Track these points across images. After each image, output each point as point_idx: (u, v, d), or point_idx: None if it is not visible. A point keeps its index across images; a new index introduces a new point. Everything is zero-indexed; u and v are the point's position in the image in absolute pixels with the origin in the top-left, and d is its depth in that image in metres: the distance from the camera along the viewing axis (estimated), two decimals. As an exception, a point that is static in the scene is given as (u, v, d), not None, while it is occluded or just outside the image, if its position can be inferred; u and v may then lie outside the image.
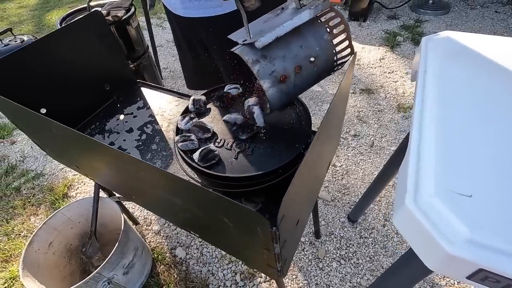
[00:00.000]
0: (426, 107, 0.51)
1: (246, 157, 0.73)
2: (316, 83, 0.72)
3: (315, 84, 0.72)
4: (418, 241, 0.40)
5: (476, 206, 0.37)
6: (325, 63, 0.68)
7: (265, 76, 0.62)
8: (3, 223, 1.67)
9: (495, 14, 2.87)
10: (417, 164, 0.43)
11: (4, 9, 4.52)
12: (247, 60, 0.61)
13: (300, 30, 0.65)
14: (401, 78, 2.31)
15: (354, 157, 1.81)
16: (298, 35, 0.65)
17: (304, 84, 0.69)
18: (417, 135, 0.47)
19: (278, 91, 0.65)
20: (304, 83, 0.68)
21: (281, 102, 0.68)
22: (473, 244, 0.34)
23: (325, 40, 0.66)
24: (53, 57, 0.99)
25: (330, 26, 0.66)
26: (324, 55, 0.67)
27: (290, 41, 0.64)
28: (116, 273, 1.15)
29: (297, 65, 0.64)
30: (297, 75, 0.65)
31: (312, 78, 0.69)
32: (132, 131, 1.09)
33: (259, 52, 0.62)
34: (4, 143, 2.22)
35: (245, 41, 0.62)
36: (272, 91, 0.63)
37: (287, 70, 0.64)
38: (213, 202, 0.48)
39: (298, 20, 0.61)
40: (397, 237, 1.44)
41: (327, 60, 0.68)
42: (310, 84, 0.70)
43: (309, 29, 0.66)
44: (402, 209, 0.41)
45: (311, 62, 0.66)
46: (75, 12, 1.81)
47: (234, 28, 0.71)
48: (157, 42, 3.06)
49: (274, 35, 0.60)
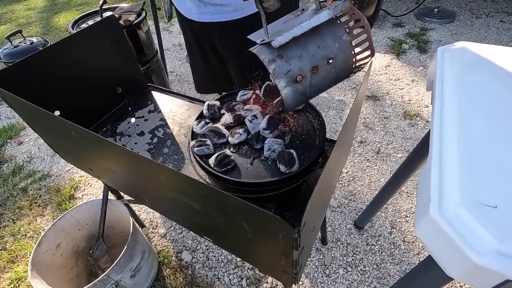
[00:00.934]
0: (446, 116, 0.52)
1: (261, 163, 0.73)
2: (334, 84, 0.71)
3: (333, 86, 0.71)
4: (442, 250, 0.40)
5: (502, 217, 0.38)
6: (344, 64, 0.67)
7: (280, 75, 0.61)
8: (10, 224, 1.68)
9: (500, 23, 2.88)
10: (439, 173, 0.44)
11: (13, 11, 4.58)
12: (263, 59, 0.61)
13: (319, 31, 0.64)
14: (407, 86, 2.32)
15: (360, 163, 1.81)
16: (316, 35, 0.64)
17: (320, 85, 0.68)
18: (438, 144, 0.47)
19: (294, 91, 0.64)
20: (321, 84, 0.67)
21: (296, 102, 0.67)
22: (500, 255, 0.35)
23: (344, 41, 0.65)
24: (68, 61, 1.00)
25: (349, 27, 0.65)
26: (342, 56, 0.66)
27: (307, 41, 0.63)
28: (123, 276, 1.15)
29: (313, 65, 0.63)
30: (314, 76, 0.65)
31: (329, 79, 0.68)
32: (144, 134, 1.10)
33: (275, 52, 0.62)
34: (11, 143, 2.23)
35: (263, 41, 0.63)
36: (287, 90, 0.63)
37: (303, 70, 0.63)
38: (234, 207, 0.49)
39: (316, 20, 0.60)
40: (404, 245, 1.43)
41: (345, 61, 0.66)
42: (327, 85, 0.69)
43: (327, 30, 0.65)
44: (426, 218, 0.41)
45: (329, 63, 0.65)
46: (86, 16, 1.83)
47: (248, 33, 0.71)
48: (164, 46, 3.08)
49: (291, 35, 0.60)
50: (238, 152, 0.76)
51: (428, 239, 0.42)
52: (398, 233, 1.48)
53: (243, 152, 0.76)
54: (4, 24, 4.18)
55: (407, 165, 1.03)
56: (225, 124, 0.82)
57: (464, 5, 3.27)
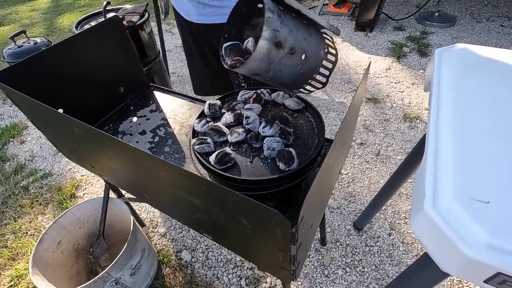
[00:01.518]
0: (442, 115, 0.53)
1: (261, 161, 0.74)
2: (287, 82, 0.75)
3: (285, 83, 0.75)
4: (435, 245, 0.41)
5: (494, 212, 0.39)
6: (308, 71, 0.73)
7: (270, 27, 0.62)
8: (11, 222, 1.69)
9: (501, 28, 2.90)
10: (434, 170, 0.45)
11: (17, 12, 4.62)
12: (266, 4, 0.62)
13: (311, 29, 0.71)
14: (407, 89, 2.33)
15: (360, 165, 1.82)
16: (308, 30, 0.70)
17: (283, 70, 0.70)
18: (433, 142, 0.49)
19: (268, 50, 0.64)
20: (285, 69, 0.70)
21: (258, 66, 0.67)
22: (492, 248, 0.35)
23: (320, 54, 0.73)
24: (72, 60, 1.02)
25: (328, 50, 0.74)
26: (312, 63, 0.72)
27: (300, 27, 0.68)
28: (123, 273, 1.16)
29: (293, 47, 0.67)
30: (287, 56, 0.68)
31: (292, 72, 0.72)
32: (145, 133, 1.11)
33: (278, 10, 0.64)
34: (14, 142, 2.25)
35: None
36: (264, 44, 0.62)
37: (286, 42, 0.65)
38: (235, 203, 0.50)
39: (316, 17, 0.66)
40: (403, 246, 1.44)
41: (310, 70, 0.73)
42: (286, 75, 0.72)
43: (316, 35, 0.72)
44: (421, 214, 0.42)
45: (302, 58, 0.70)
46: (90, 17, 1.85)
47: None
48: (167, 47, 3.11)
49: (298, 6, 0.64)
50: (238, 150, 0.77)
51: (423, 234, 0.43)
52: (397, 235, 1.48)
53: (243, 150, 0.77)
54: (8, 24, 4.22)
55: (405, 167, 1.03)
56: (226, 123, 0.83)
57: (464, 9, 3.29)
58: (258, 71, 0.69)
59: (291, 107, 0.86)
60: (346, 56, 2.78)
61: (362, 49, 2.86)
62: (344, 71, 2.61)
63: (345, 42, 2.99)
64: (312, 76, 0.75)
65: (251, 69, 0.68)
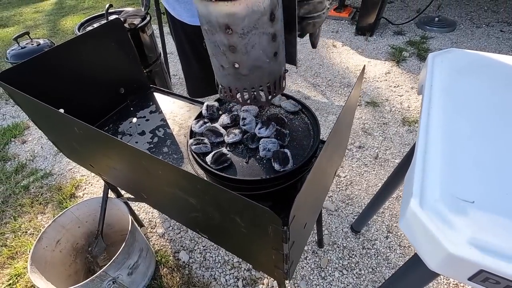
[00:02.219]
0: (432, 118, 0.54)
1: (257, 161, 0.76)
2: (244, 65, 0.63)
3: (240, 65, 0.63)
4: (422, 244, 0.42)
5: (478, 211, 0.40)
6: (266, 74, 0.67)
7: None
8: (11, 221, 1.70)
9: (501, 33, 2.92)
10: (422, 170, 0.46)
11: (21, 14, 4.68)
12: None
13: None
14: (406, 93, 2.35)
15: (358, 168, 1.83)
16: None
17: (253, 50, 0.61)
18: (423, 144, 0.50)
19: (264, 9, 0.57)
20: (254, 50, 0.61)
21: (247, 15, 0.56)
22: (474, 246, 0.37)
23: (281, 70, 0.72)
24: (74, 61, 1.04)
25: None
26: (275, 68, 0.68)
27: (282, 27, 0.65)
28: (121, 273, 1.17)
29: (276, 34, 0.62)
30: (268, 36, 0.61)
31: (258, 58, 0.63)
32: (144, 134, 1.12)
33: None
34: (15, 142, 2.27)
35: None
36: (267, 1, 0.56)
37: (276, 22, 0.61)
38: (229, 201, 0.51)
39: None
40: (400, 249, 1.44)
41: (269, 74, 0.68)
42: (250, 57, 0.62)
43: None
44: (408, 213, 0.43)
45: (273, 54, 0.65)
46: (92, 19, 1.88)
47: None
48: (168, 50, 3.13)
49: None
50: (234, 151, 0.79)
51: (410, 232, 0.44)
52: (394, 238, 1.49)
53: (239, 151, 0.79)
54: (12, 26, 4.27)
55: (401, 169, 1.05)
56: (223, 124, 0.84)
57: (464, 14, 3.31)
58: (241, 23, 0.56)
59: (287, 109, 0.88)
60: (346, 60, 2.80)
61: (362, 53, 2.88)
62: (344, 75, 2.62)
63: (345, 46, 3.01)
64: (263, 82, 0.67)
65: (237, 14, 0.55)
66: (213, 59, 0.67)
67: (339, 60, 2.82)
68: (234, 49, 0.60)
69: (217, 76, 0.71)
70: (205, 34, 0.62)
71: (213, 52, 0.64)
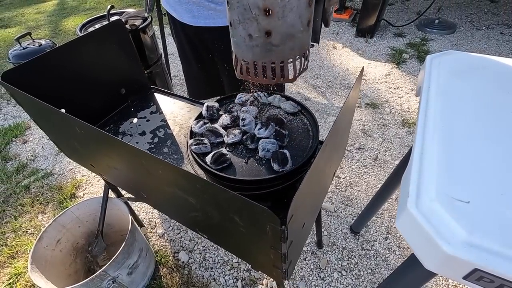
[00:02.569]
0: (429, 119, 0.55)
1: (256, 162, 0.76)
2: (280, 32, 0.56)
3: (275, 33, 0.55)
4: (418, 243, 0.43)
5: (473, 211, 0.40)
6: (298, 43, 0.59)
7: None
8: (11, 220, 1.71)
9: (501, 35, 2.92)
10: (419, 171, 0.47)
11: (23, 14, 4.70)
12: None
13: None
14: (406, 94, 2.35)
15: (358, 169, 1.83)
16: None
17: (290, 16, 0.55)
18: (419, 145, 0.50)
19: None
20: (290, 16, 0.55)
21: None
22: (469, 245, 0.37)
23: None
24: (75, 62, 1.05)
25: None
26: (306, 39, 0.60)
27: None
28: (121, 272, 1.17)
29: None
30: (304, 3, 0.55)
31: (294, 24, 0.56)
32: (145, 134, 1.13)
33: None
34: (16, 142, 2.28)
35: None
36: None
37: None
38: (228, 200, 0.52)
39: None
40: (399, 250, 1.45)
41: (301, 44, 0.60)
42: (286, 24, 0.55)
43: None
44: (405, 213, 0.44)
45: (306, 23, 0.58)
46: (94, 20, 1.89)
47: None
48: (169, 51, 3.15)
49: None
50: (234, 151, 0.79)
51: (407, 232, 0.45)
52: (393, 239, 1.49)
53: (239, 151, 0.79)
54: (14, 26, 4.29)
55: (400, 170, 1.05)
56: (223, 125, 0.85)
57: (465, 16, 3.32)
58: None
59: (287, 110, 0.88)
60: (346, 62, 2.81)
61: (363, 55, 2.88)
62: (344, 76, 2.63)
63: (345, 47, 3.02)
64: (293, 55, 0.60)
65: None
66: (239, 28, 0.57)
67: (339, 62, 2.83)
68: (269, 13, 0.52)
69: (240, 50, 0.61)
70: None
71: (240, 19, 0.55)
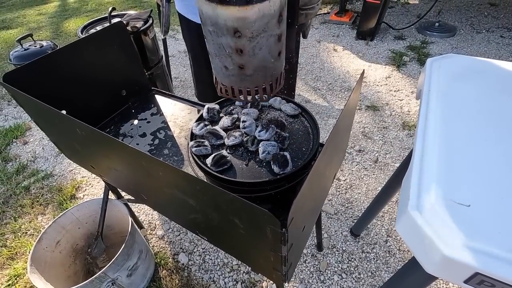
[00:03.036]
0: (430, 122, 0.55)
1: (256, 164, 0.76)
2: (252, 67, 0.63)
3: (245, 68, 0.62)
4: (419, 246, 0.43)
5: (474, 215, 0.40)
6: (269, 72, 0.66)
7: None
8: (11, 221, 1.71)
9: (501, 39, 2.93)
10: (419, 174, 0.47)
11: (24, 16, 4.71)
12: None
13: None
14: (406, 97, 2.36)
15: (358, 172, 1.83)
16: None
17: (260, 52, 0.61)
18: (420, 148, 0.50)
19: (274, 12, 0.57)
20: (262, 52, 0.61)
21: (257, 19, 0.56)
22: (470, 249, 0.37)
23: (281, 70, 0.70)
24: (76, 63, 1.05)
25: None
26: (277, 67, 0.67)
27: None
28: (120, 274, 1.17)
29: (282, 34, 0.62)
30: (274, 38, 0.61)
31: (264, 59, 0.63)
32: (145, 135, 1.13)
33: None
34: (17, 143, 2.28)
35: None
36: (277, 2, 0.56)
37: (282, 23, 0.61)
38: (228, 202, 0.52)
39: None
40: (400, 253, 1.44)
41: (272, 72, 0.67)
42: (258, 58, 0.61)
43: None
44: (405, 216, 0.44)
45: (278, 54, 0.65)
46: (95, 22, 1.90)
47: None
48: (170, 53, 3.16)
49: None
50: (234, 153, 0.79)
51: (407, 235, 0.45)
52: (393, 242, 1.49)
53: (239, 153, 0.79)
54: (16, 28, 4.30)
55: (400, 173, 1.05)
56: (223, 127, 0.85)
57: (465, 20, 3.33)
58: (251, 27, 0.56)
59: (287, 112, 0.89)
60: (346, 64, 2.82)
61: (363, 57, 2.89)
62: (344, 79, 2.64)
63: (346, 50, 3.03)
64: (266, 81, 0.67)
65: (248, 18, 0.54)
66: (215, 60, 0.65)
67: (339, 64, 2.83)
68: (241, 52, 0.59)
69: (219, 76, 0.70)
70: (208, 35, 0.61)
71: (216, 53, 0.63)
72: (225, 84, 0.69)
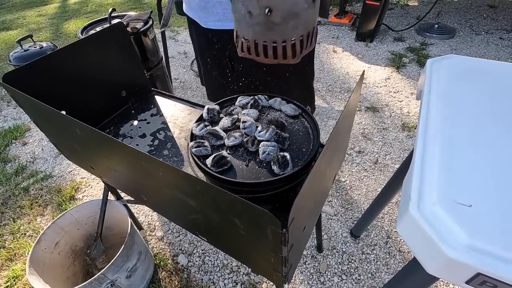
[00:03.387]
0: (430, 122, 0.55)
1: (257, 164, 0.76)
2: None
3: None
4: (420, 247, 0.43)
5: (476, 215, 0.40)
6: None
7: None
8: (10, 222, 1.70)
9: (500, 40, 2.94)
10: (420, 175, 0.46)
11: (24, 17, 4.72)
12: None
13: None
14: (406, 98, 2.36)
15: (358, 173, 1.83)
16: None
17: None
18: (421, 148, 0.50)
19: None
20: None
21: None
22: (472, 250, 0.37)
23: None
24: (76, 64, 1.05)
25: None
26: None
27: None
28: (119, 275, 1.16)
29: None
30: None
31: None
32: (145, 136, 1.13)
33: None
34: (16, 143, 2.28)
35: None
36: None
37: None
38: (228, 203, 0.51)
39: None
40: (400, 254, 1.44)
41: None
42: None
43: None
44: (406, 216, 0.44)
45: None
46: (95, 23, 1.90)
47: None
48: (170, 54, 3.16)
49: None
50: (234, 154, 0.79)
51: (408, 236, 0.44)
52: (393, 243, 1.48)
53: (239, 154, 0.79)
54: (16, 29, 4.31)
55: (400, 174, 1.05)
56: (223, 127, 0.85)
57: (464, 21, 3.34)
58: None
59: (288, 113, 0.88)
60: (346, 66, 2.82)
61: (362, 59, 2.90)
62: (344, 80, 2.64)
63: (345, 51, 3.03)
64: (296, 34, 0.58)
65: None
66: (237, 4, 0.54)
67: (339, 66, 2.84)
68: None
69: (241, 27, 0.58)
70: None
71: None
72: (248, 38, 0.58)
